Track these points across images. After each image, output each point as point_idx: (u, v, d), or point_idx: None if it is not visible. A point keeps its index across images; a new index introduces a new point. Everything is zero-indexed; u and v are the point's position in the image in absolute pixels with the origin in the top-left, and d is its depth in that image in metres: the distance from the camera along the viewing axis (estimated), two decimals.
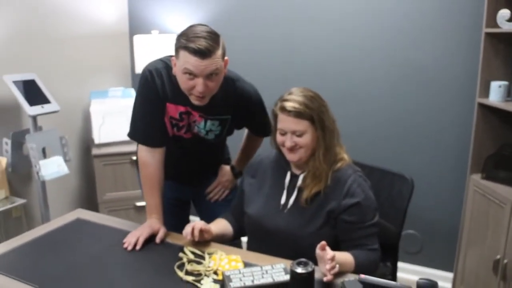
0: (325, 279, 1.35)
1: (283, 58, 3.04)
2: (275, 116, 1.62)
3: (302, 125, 1.56)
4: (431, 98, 2.68)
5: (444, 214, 2.77)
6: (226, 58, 1.67)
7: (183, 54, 1.58)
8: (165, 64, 1.77)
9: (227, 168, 2.10)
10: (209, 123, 1.82)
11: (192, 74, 1.59)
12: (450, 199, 2.73)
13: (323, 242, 1.37)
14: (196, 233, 1.61)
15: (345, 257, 1.50)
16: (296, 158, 1.60)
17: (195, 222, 1.65)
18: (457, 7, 2.52)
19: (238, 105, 1.82)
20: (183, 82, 1.64)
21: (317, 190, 1.59)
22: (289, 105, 1.55)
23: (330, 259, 1.34)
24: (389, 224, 1.86)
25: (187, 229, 1.62)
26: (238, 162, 2.11)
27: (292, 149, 1.59)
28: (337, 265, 1.37)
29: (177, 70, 1.65)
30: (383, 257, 1.85)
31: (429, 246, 2.85)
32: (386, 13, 2.70)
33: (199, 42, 1.54)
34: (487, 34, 2.28)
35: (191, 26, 1.63)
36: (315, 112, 1.56)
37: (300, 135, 1.57)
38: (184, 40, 1.57)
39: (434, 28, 2.59)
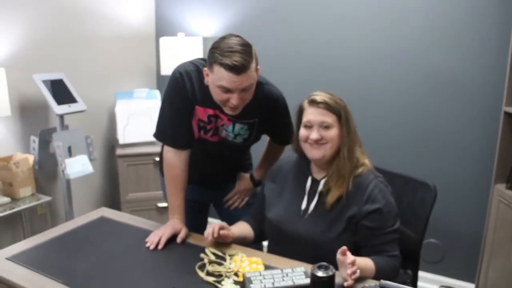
0: (346, 283, 1.35)
1: (305, 61, 3.04)
2: (301, 112, 1.64)
3: (330, 117, 1.58)
4: (456, 105, 2.65)
5: (467, 223, 2.73)
6: (258, 67, 1.67)
7: (218, 69, 1.57)
8: (196, 67, 1.76)
9: (246, 176, 2.10)
10: (237, 126, 1.82)
11: (226, 89, 1.60)
12: (473, 209, 2.69)
13: (344, 247, 1.37)
14: (216, 230, 1.62)
15: (366, 262, 1.50)
16: (321, 154, 1.60)
17: (216, 223, 1.67)
18: (484, 10, 2.49)
19: (265, 107, 1.83)
20: (217, 94, 1.64)
21: (341, 193, 1.59)
22: (319, 98, 1.59)
23: (351, 263, 1.34)
24: (410, 231, 1.84)
25: (208, 230, 1.64)
26: (258, 170, 2.11)
27: (317, 143, 1.59)
28: (358, 270, 1.36)
29: (210, 82, 1.65)
30: (404, 264, 1.84)
31: (450, 255, 2.81)
32: (409, 17, 2.68)
33: (234, 58, 1.54)
34: None
35: (224, 38, 1.61)
36: (342, 110, 1.59)
37: (327, 128, 1.58)
38: (219, 55, 1.56)
39: (460, 33, 2.56)
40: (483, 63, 2.54)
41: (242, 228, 1.80)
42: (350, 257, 1.35)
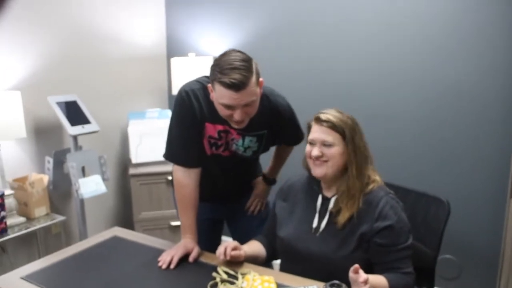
0: None
1: (316, 78, 3.05)
2: (309, 129, 1.65)
3: (332, 136, 1.58)
4: (469, 119, 2.63)
5: (483, 239, 2.69)
6: (261, 80, 1.68)
7: (218, 87, 1.60)
8: (201, 85, 1.78)
9: (259, 179, 2.13)
10: (247, 140, 1.84)
11: (228, 106, 1.62)
12: (489, 224, 2.65)
13: (356, 265, 1.36)
14: (229, 251, 1.63)
15: (379, 280, 1.48)
16: (322, 172, 1.60)
17: (228, 242, 1.67)
18: (502, 22, 2.47)
19: (273, 118, 1.84)
20: (221, 110, 1.67)
21: (351, 213, 1.58)
22: (324, 116, 1.59)
23: (364, 282, 1.32)
24: (425, 247, 1.82)
25: (220, 249, 1.64)
26: (270, 170, 2.15)
27: (317, 160, 1.59)
28: None
29: (214, 99, 1.68)
30: (419, 281, 1.81)
31: (467, 272, 2.76)
32: (423, 30, 2.67)
33: (233, 76, 1.55)
34: None
35: (223, 55, 1.64)
36: (347, 129, 1.58)
37: (328, 146, 1.58)
38: (218, 73, 1.59)
39: (472, 45, 2.54)
40: (498, 76, 2.52)
41: (255, 247, 1.80)
42: (362, 275, 1.33)
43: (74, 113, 2.75)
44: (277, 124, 1.87)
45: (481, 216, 2.68)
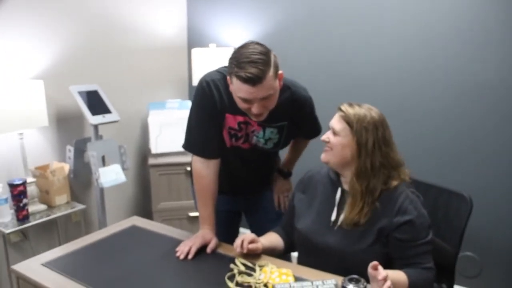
0: None
1: (337, 70, 3.02)
2: None
3: (340, 125, 1.57)
4: (493, 115, 2.57)
5: (505, 236, 2.64)
6: (280, 72, 1.65)
7: (235, 81, 1.58)
8: (222, 75, 1.76)
9: (276, 175, 2.12)
10: (267, 131, 1.82)
11: (245, 99, 1.61)
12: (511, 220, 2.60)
13: (375, 262, 1.34)
14: (245, 245, 1.62)
15: (398, 276, 1.46)
16: (325, 159, 1.62)
17: (245, 235, 1.67)
18: None
19: (294, 110, 1.82)
20: (239, 103, 1.65)
21: (354, 217, 1.55)
22: (344, 106, 1.60)
23: (383, 279, 1.30)
24: (445, 244, 1.79)
25: (237, 242, 1.64)
26: (285, 163, 2.14)
27: (326, 144, 1.61)
28: (391, 285, 1.32)
29: (232, 91, 1.66)
30: (439, 278, 1.79)
31: (488, 270, 2.72)
32: (443, 25, 2.63)
33: (249, 70, 1.53)
34: None
35: (241, 48, 1.61)
36: (359, 124, 1.55)
37: (334, 134, 1.59)
38: (235, 66, 1.56)
39: (501, 43, 2.49)
40: None
41: (272, 239, 1.79)
42: (381, 272, 1.30)
43: (95, 102, 2.77)
44: (298, 116, 1.85)
45: (503, 212, 2.63)
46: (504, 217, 2.62)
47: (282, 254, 1.80)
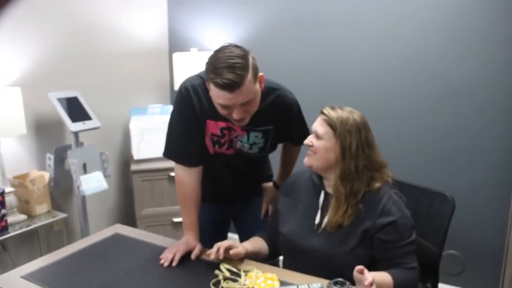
0: None
1: (320, 73, 3.03)
2: None
3: (323, 129, 1.57)
4: (472, 113, 2.61)
5: (488, 234, 2.67)
6: (260, 74, 1.60)
7: (213, 88, 1.54)
8: (203, 80, 1.70)
9: (269, 185, 2.07)
10: (252, 136, 1.78)
11: (225, 106, 1.56)
12: (494, 219, 2.63)
13: (361, 266, 1.34)
14: (221, 252, 1.61)
15: (383, 277, 1.46)
16: (309, 163, 1.61)
17: (223, 242, 1.65)
18: (498, 16, 2.45)
19: (280, 113, 1.78)
20: (219, 109, 1.61)
21: (338, 219, 1.55)
22: (326, 109, 1.59)
23: (369, 285, 1.30)
24: (429, 243, 1.81)
25: (213, 249, 1.63)
26: (280, 177, 2.08)
27: (309, 148, 1.60)
28: None
29: (212, 97, 1.61)
30: (423, 277, 1.80)
31: (472, 267, 2.75)
32: (426, 27, 2.66)
33: (226, 76, 1.47)
34: None
35: (217, 52, 1.56)
36: (342, 127, 1.54)
37: (317, 138, 1.58)
38: (211, 72, 1.52)
39: (474, 40, 2.53)
40: (498, 68, 2.50)
41: (257, 244, 1.78)
42: (368, 277, 1.30)
43: (75, 109, 2.73)
44: (284, 120, 1.82)
45: (485, 211, 2.66)
46: (486, 216, 2.66)
47: (266, 259, 1.79)
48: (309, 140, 1.61)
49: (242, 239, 2.03)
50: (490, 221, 2.65)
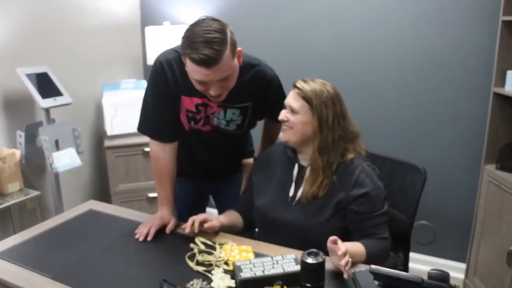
0: (345, 276, 1.31)
1: (294, 47, 3.02)
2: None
3: (299, 103, 1.56)
4: (445, 87, 2.65)
5: (457, 204, 2.74)
6: (238, 49, 1.55)
7: (189, 63, 1.48)
8: (178, 54, 1.64)
9: (249, 161, 2.04)
10: (229, 112, 1.74)
11: (201, 82, 1.52)
12: (464, 190, 2.70)
13: (334, 237, 1.36)
14: (196, 225, 1.62)
15: (356, 247, 1.49)
16: (285, 138, 1.61)
17: (197, 215, 1.66)
18: None
19: (259, 90, 1.74)
20: (195, 85, 1.56)
21: (315, 190, 1.57)
22: (299, 83, 1.58)
23: (342, 255, 1.31)
24: (401, 214, 1.84)
25: (188, 223, 1.63)
26: (260, 153, 2.04)
27: (284, 124, 1.60)
28: (350, 259, 1.34)
29: (188, 72, 1.55)
30: (395, 247, 1.84)
31: (442, 237, 2.83)
32: (404, 0, 2.66)
33: (203, 51, 1.41)
34: (504, 22, 2.23)
35: (194, 25, 1.49)
36: (317, 100, 1.54)
37: (293, 113, 1.57)
38: (187, 47, 1.45)
39: (449, 16, 2.55)
40: (472, 45, 2.53)
41: (232, 217, 1.79)
42: (341, 248, 1.32)
43: (45, 85, 2.66)
44: (264, 97, 1.77)
45: (456, 183, 2.73)
46: (457, 186, 2.73)
47: (241, 232, 1.80)
48: (284, 115, 1.60)
49: (220, 214, 2.04)
50: (460, 192, 2.72)
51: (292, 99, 1.59)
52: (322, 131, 1.56)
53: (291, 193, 1.64)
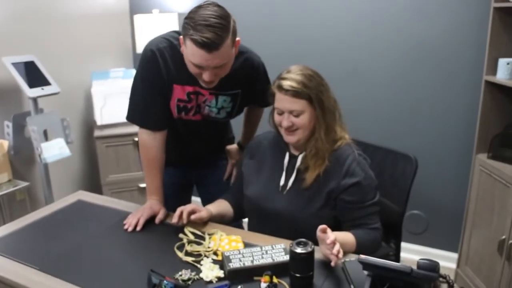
0: (332, 263, 1.29)
1: (287, 33, 2.99)
2: (273, 95, 1.58)
3: (299, 104, 1.51)
4: (436, 75, 2.63)
5: (449, 194, 2.74)
6: (237, 39, 1.56)
7: (189, 44, 1.46)
8: (169, 43, 1.65)
9: (233, 147, 2.07)
10: (220, 100, 1.74)
11: (198, 65, 1.51)
12: (455, 179, 2.70)
13: (324, 226, 1.34)
14: (185, 216, 1.60)
15: (347, 237, 1.48)
16: (294, 140, 1.57)
17: (185, 206, 1.63)
18: None
19: (248, 78, 1.76)
20: (190, 68, 1.55)
21: (319, 171, 1.56)
22: (286, 84, 1.51)
23: (331, 244, 1.29)
24: (392, 204, 1.83)
25: (176, 213, 1.61)
26: (243, 137, 2.09)
27: (289, 130, 1.55)
28: (340, 249, 1.31)
29: (184, 53, 1.55)
30: (387, 237, 1.84)
31: (434, 226, 2.83)
32: None
33: (206, 34, 1.41)
34: (496, 8, 2.21)
35: (199, 7, 1.48)
36: (313, 92, 1.51)
37: (297, 115, 1.53)
38: (191, 28, 1.44)
39: (440, 3, 2.53)
40: (463, 32, 2.52)
41: (221, 206, 1.77)
42: (330, 236, 1.29)
43: (33, 74, 2.61)
44: (252, 83, 1.78)
45: (448, 172, 2.72)
46: (449, 176, 2.72)
47: (231, 221, 1.79)
48: (288, 121, 1.53)
49: (204, 203, 2.03)
50: (452, 182, 2.72)
51: (288, 103, 1.52)
52: (325, 116, 1.55)
53: (282, 182, 1.63)
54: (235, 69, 1.66)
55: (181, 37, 1.54)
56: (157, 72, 1.66)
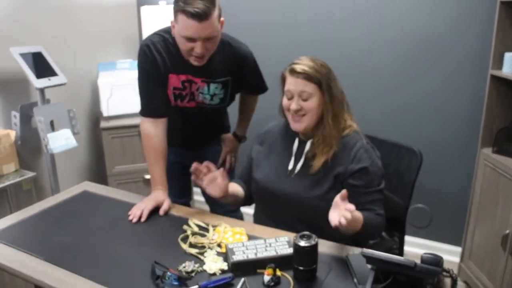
0: (342, 220, 1.29)
1: (288, 24, 2.97)
2: (284, 80, 1.62)
3: (309, 87, 1.55)
4: (442, 69, 2.62)
5: (453, 188, 2.74)
6: (222, 19, 1.72)
7: (181, 18, 1.63)
8: (161, 37, 1.83)
9: (229, 136, 2.21)
10: (212, 87, 1.89)
11: (190, 38, 1.65)
12: (460, 173, 2.69)
13: (344, 191, 1.35)
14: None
15: (358, 213, 1.47)
16: (302, 127, 1.60)
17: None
18: None
19: (236, 65, 1.90)
20: (182, 44, 1.70)
21: (326, 158, 1.59)
22: (299, 67, 1.56)
23: (348, 210, 1.29)
24: (396, 197, 1.84)
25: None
26: (239, 126, 2.23)
27: (297, 113, 1.58)
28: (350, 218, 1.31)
29: (176, 33, 1.72)
30: (391, 230, 1.84)
31: (438, 220, 2.82)
32: None
33: (196, 5, 1.58)
34: (502, 2, 2.19)
35: None
36: (323, 77, 1.56)
37: (306, 99, 1.56)
38: (182, 3, 1.61)
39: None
40: (469, 27, 2.50)
41: (235, 187, 1.79)
42: (351, 207, 1.30)
43: (40, 65, 2.62)
44: (241, 72, 1.94)
45: (453, 166, 2.72)
46: (453, 170, 2.72)
47: (241, 204, 1.86)
48: (296, 105, 1.56)
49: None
50: (456, 176, 2.71)
51: (299, 86, 1.56)
52: (333, 102, 1.58)
53: (290, 166, 1.66)
54: (223, 59, 1.85)
55: (172, 21, 1.72)
56: (154, 64, 1.83)
